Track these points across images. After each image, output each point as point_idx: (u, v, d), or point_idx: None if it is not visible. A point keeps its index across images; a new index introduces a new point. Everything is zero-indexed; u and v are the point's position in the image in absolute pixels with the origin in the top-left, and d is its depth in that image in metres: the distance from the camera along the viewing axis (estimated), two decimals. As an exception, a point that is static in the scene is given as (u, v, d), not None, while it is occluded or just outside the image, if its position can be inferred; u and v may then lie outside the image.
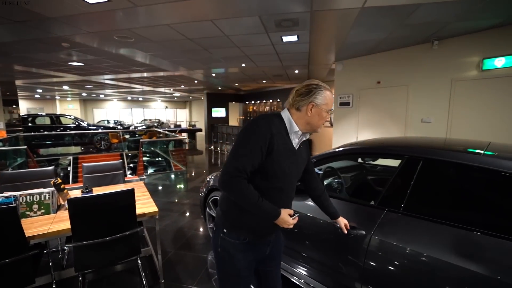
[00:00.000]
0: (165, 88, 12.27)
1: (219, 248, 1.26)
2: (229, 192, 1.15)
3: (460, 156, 1.45)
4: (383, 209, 1.57)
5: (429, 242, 1.33)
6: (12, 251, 1.66)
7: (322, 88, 1.22)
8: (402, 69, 4.39)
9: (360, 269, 1.55)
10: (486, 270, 1.13)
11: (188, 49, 4.45)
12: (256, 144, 1.11)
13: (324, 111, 1.22)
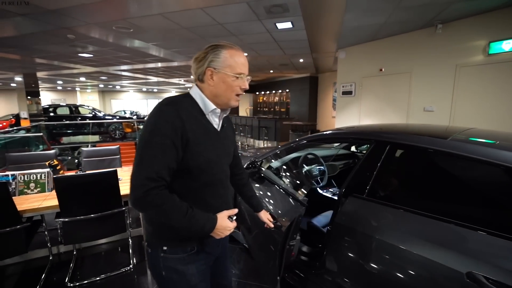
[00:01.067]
0: (177, 79, 12.51)
1: (163, 270, 1.00)
2: (146, 211, 0.89)
3: (425, 140, 1.42)
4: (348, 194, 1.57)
5: (389, 228, 1.32)
6: (5, 223, 1.84)
7: (220, 47, 0.95)
8: (405, 56, 4.22)
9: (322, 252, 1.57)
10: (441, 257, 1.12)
11: (186, 38, 4.52)
12: (165, 140, 0.86)
13: (230, 77, 0.95)
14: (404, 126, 1.91)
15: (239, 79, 0.97)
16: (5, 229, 1.84)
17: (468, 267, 1.01)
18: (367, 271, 1.31)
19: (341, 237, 1.46)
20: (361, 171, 1.58)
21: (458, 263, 1.05)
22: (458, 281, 1.02)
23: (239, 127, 11.32)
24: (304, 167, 2.42)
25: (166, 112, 0.88)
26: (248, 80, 1.02)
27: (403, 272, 1.19)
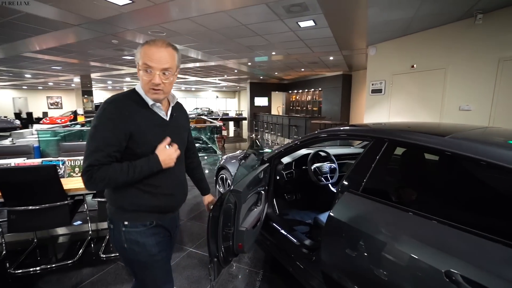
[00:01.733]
0: (212, 78, 13.06)
1: (125, 243, 1.10)
2: (97, 186, 0.99)
3: (422, 138, 1.39)
4: (345, 190, 1.59)
5: (377, 223, 1.32)
6: (54, 199, 2.22)
7: (142, 44, 1.03)
8: (439, 50, 3.93)
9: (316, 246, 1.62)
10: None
11: (215, 39, 4.77)
12: (107, 133, 0.97)
13: (140, 70, 1.02)
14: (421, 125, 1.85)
15: (148, 73, 1.01)
16: (54, 203, 2.21)
17: (447, 265, 1.01)
18: (355, 264, 1.34)
19: (334, 230, 1.50)
20: (359, 167, 1.59)
21: (438, 261, 1.04)
22: (437, 279, 1.02)
23: (269, 125, 11.45)
24: (313, 164, 2.46)
25: (108, 110, 0.99)
26: (175, 75, 1.08)
27: (386, 267, 1.21)
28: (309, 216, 2.58)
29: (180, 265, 2.29)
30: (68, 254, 2.51)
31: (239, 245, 1.58)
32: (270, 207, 2.41)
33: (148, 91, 1.04)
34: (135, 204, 1.09)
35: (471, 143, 1.20)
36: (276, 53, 6.01)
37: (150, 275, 1.17)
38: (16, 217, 2.18)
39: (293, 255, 1.92)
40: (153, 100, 1.07)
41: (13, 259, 2.42)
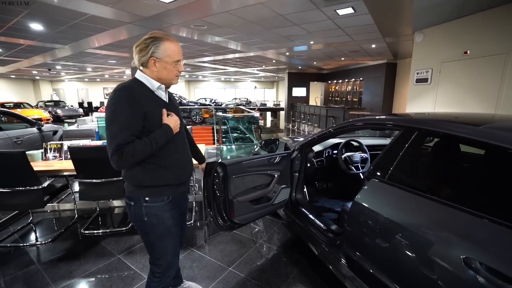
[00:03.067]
0: (251, 69, 13.25)
1: (145, 217, 1.26)
2: (128, 162, 1.12)
3: (454, 127, 1.37)
4: (371, 177, 1.63)
5: (399, 210, 1.35)
6: (116, 174, 2.60)
7: (159, 40, 1.15)
8: (498, 34, 3.51)
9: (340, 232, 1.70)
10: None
11: (253, 31, 4.88)
12: (126, 116, 1.10)
13: (170, 64, 1.18)
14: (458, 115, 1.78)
15: (177, 65, 1.22)
16: (113, 178, 2.60)
17: (467, 252, 1.03)
18: (377, 248, 1.41)
19: (358, 216, 1.56)
20: (386, 156, 1.61)
21: (457, 248, 1.07)
22: (456, 263, 1.05)
23: (306, 116, 11.32)
24: (344, 152, 2.49)
25: (122, 95, 1.11)
26: (182, 62, 1.28)
27: (406, 252, 1.25)
28: (338, 205, 2.63)
29: (215, 241, 2.54)
30: (122, 223, 2.94)
31: (231, 213, 1.83)
32: (300, 193, 2.52)
33: (174, 78, 1.26)
34: (154, 179, 1.23)
35: (506, 133, 1.16)
36: (314, 42, 5.91)
37: (163, 246, 1.34)
38: (85, 188, 2.62)
39: (319, 239, 2.03)
40: (173, 84, 1.30)
41: (81, 222, 2.93)
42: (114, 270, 2.12)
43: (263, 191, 2.06)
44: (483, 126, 1.25)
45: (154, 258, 1.37)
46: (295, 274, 2.09)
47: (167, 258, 1.37)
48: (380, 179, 1.53)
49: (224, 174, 1.80)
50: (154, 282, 1.39)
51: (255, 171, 2.03)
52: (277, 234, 2.71)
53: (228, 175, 1.80)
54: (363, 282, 1.55)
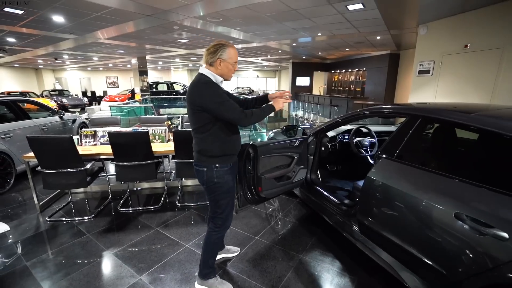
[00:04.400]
0: (255, 58, 13.37)
1: (216, 179, 1.64)
2: (251, 120, 1.61)
3: (451, 114, 1.67)
4: (382, 156, 1.94)
5: (405, 180, 1.67)
6: (146, 158, 2.92)
7: (226, 46, 1.56)
8: (497, 29, 3.76)
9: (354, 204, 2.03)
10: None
11: (265, 23, 5.09)
12: (226, 97, 1.56)
13: (230, 64, 1.59)
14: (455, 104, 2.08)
15: (234, 65, 1.62)
16: (146, 161, 2.92)
17: (457, 209, 1.35)
18: (386, 213, 1.74)
19: (370, 188, 1.89)
20: (395, 138, 1.92)
21: (450, 207, 1.39)
22: (449, 218, 1.38)
23: (310, 105, 11.56)
24: (356, 137, 2.81)
25: (213, 85, 1.54)
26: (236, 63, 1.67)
27: (410, 212, 1.59)
28: (348, 184, 2.96)
29: (240, 215, 2.88)
30: (154, 202, 3.28)
31: (259, 188, 2.16)
32: (314, 174, 2.85)
33: (230, 75, 1.67)
34: (222, 150, 1.64)
35: (491, 119, 1.46)
36: (322, 34, 6.11)
37: (225, 202, 1.72)
38: (122, 170, 2.94)
39: (334, 211, 2.37)
40: (229, 80, 1.69)
41: (115, 202, 3.25)
42: (156, 239, 2.46)
43: (284, 170, 2.38)
44: (475, 113, 1.56)
45: (217, 212, 1.74)
46: (313, 241, 2.45)
47: (227, 211, 1.75)
48: (389, 157, 1.85)
49: (255, 154, 2.11)
50: (215, 232, 1.77)
51: (279, 152, 2.34)
52: (293, 210, 3.05)
53: (258, 155, 2.12)
54: (373, 242, 1.89)
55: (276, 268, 2.07)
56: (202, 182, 1.71)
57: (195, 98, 1.53)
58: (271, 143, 2.24)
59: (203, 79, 1.55)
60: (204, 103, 1.51)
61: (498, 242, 1.17)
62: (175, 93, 14.47)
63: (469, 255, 1.27)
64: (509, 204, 1.20)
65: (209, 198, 1.75)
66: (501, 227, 1.18)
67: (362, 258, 2.14)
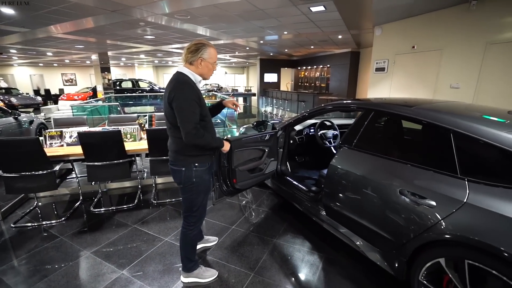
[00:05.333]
0: (223, 55, 13.34)
1: (194, 178, 1.66)
2: (200, 140, 1.54)
3: (396, 108, 1.97)
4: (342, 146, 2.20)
5: (361, 165, 1.95)
6: (119, 157, 2.91)
7: (207, 46, 1.57)
8: (437, 33, 4.32)
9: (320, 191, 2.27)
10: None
11: (232, 21, 5.19)
12: (194, 103, 1.51)
13: (211, 64, 1.61)
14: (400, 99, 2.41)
15: (214, 64, 1.66)
16: (119, 160, 2.91)
17: (401, 186, 1.64)
18: (348, 195, 2.00)
19: (333, 175, 2.14)
20: (352, 130, 2.20)
21: (395, 185, 1.68)
22: (395, 194, 1.66)
23: (278, 101, 11.92)
24: (320, 130, 3.08)
25: (188, 87, 1.52)
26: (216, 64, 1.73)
27: (367, 192, 1.86)
28: (314, 174, 3.24)
29: (216, 208, 3.02)
30: (128, 201, 3.27)
31: (234, 180, 2.31)
32: (284, 165, 3.08)
33: (210, 75, 1.69)
34: (201, 150, 1.65)
35: (426, 111, 1.78)
36: (288, 32, 6.37)
37: (201, 200, 1.76)
38: (93, 170, 2.89)
39: (303, 198, 2.61)
40: (207, 79, 1.72)
41: (86, 204, 3.17)
42: (134, 236, 2.51)
43: (257, 162, 2.57)
44: (415, 107, 1.88)
45: (192, 210, 1.77)
46: (285, 226, 2.67)
47: (201, 209, 1.80)
48: (348, 146, 2.12)
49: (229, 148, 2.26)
50: (190, 229, 1.80)
51: (251, 146, 2.52)
52: (266, 201, 3.26)
53: (232, 149, 2.26)
54: (337, 221, 2.16)
55: (252, 253, 2.26)
56: (179, 182, 1.71)
57: (170, 96, 1.52)
58: (243, 138, 2.40)
59: (181, 78, 1.56)
60: (174, 102, 1.51)
61: (428, 209, 1.47)
62: (140, 91, 13.91)
63: (409, 222, 1.57)
64: (437, 179, 1.51)
65: (185, 197, 1.76)
66: (431, 197, 1.48)
67: (328, 237, 2.41)
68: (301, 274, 2.03)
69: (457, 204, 1.37)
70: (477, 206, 1.30)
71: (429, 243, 1.48)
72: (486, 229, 1.25)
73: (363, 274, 2.01)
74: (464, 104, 2.16)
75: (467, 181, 1.40)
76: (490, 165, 1.44)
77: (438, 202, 1.44)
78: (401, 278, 1.70)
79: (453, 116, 1.65)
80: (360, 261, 2.13)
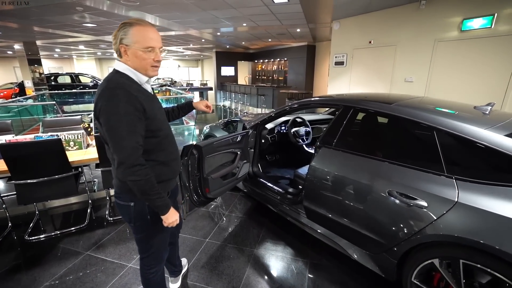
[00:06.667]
0: (175, 47, 12.49)
1: (149, 215, 1.22)
2: (130, 182, 1.04)
3: (377, 105, 1.92)
4: (322, 146, 2.09)
5: (344, 166, 1.86)
6: (60, 171, 2.40)
7: (128, 25, 1.04)
8: (391, 29, 4.53)
9: (300, 191, 2.15)
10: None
11: (187, 10, 4.75)
12: (132, 117, 1.01)
13: (140, 50, 1.05)
14: (374, 95, 2.39)
15: (150, 52, 1.07)
16: (61, 174, 2.40)
17: (389, 187, 1.58)
18: (329, 196, 1.90)
19: (314, 176, 2.03)
20: (332, 128, 2.10)
21: (384, 186, 1.62)
22: (383, 195, 1.60)
23: (237, 95, 11.66)
24: (292, 128, 2.96)
25: (121, 95, 1.00)
26: (164, 51, 1.32)
27: (351, 194, 1.78)
28: (287, 172, 3.13)
29: (185, 220, 2.71)
30: (77, 221, 2.75)
31: (206, 189, 2.07)
32: (256, 166, 2.90)
33: (149, 68, 1.11)
34: (157, 175, 1.15)
35: (406, 108, 1.75)
36: (246, 24, 6.13)
37: (161, 238, 1.35)
38: (25, 190, 2.33)
39: (279, 200, 2.47)
40: (152, 76, 1.15)
41: (19, 230, 2.57)
42: (88, 266, 2.08)
43: (230, 167, 2.34)
44: (394, 104, 1.84)
45: (149, 252, 1.36)
46: (263, 232, 2.51)
47: (162, 246, 1.40)
48: (328, 146, 2.02)
49: (200, 155, 2.00)
50: (151, 273, 1.41)
51: (223, 150, 2.28)
52: (238, 205, 3.05)
53: (203, 155, 2.01)
54: (321, 225, 2.07)
55: (233, 269, 2.04)
56: (128, 219, 1.25)
57: (97, 108, 1.04)
58: (215, 142, 2.15)
59: (114, 80, 1.06)
60: (100, 116, 1.03)
61: (420, 210, 1.43)
62: (82, 86, 12.33)
63: (400, 224, 1.52)
64: (425, 178, 1.47)
65: (138, 238, 1.33)
66: (422, 197, 1.44)
67: (309, 240, 2.32)
68: (290, 286, 1.89)
69: (449, 204, 1.34)
70: (469, 205, 1.28)
71: (421, 244, 1.45)
72: (481, 228, 1.23)
73: (350, 277, 1.96)
74: (431, 100, 2.21)
75: (455, 179, 1.38)
76: (475, 163, 1.44)
77: (430, 203, 1.41)
78: (392, 279, 1.67)
79: (433, 113, 1.64)
80: (344, 262, 2.08)
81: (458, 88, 3.90)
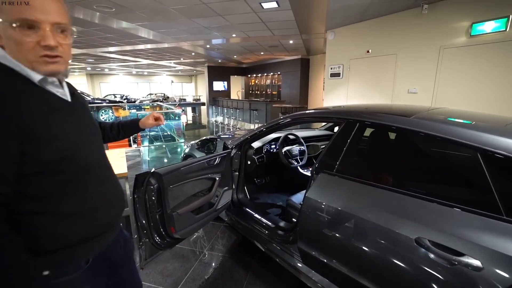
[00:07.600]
0: (167, 61, 12.24)
1: None
2: None
3: (390, 118, 1.47)
4: (320, 171, 1.62)
5: (352, 200, 1.38)
6: None
7: None
8: (391, 37, 4.23)
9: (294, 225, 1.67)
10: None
11: (171, 18, 4.41)
12: None
13: (10, 28, 0.62)
14: (379, 106, 1.97)
15: (29, 30, 0.63)
16: None
17: (418, 233, 1.11)
18: (332, 239, 1.41)
19: (311, 210, 1.54)
20: (332, 149, 1.64)
21: (408, 230, 1.14)
22: (409, 245, 1.12)
23: (230, 110, 11.29)
24: (284, 147, 2.49)
25: None
26: (73, 33, 0.72)
27: (363, 239, 1.29)
28: (279, 199, 2.64)
29: (153, 261, 2.17)
30: None
31: (171, 229, 1.59)
32: (241, 192, 2.40)
33: (36, 60, 0.65)
34: (56, 238, 0.70)
35: (434, 123, 1.31)
36: (236, 35, 5.83)
37: None
38: None
39: (268, 237, 1.97)
40: (48, 74, 0.68)
41: None
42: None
43: (205, 197, 1.86)
44: (413, 117, 1.40)
45: None
46: (248, 278, 1.98)
47: None
48: (329, 172, 1.55)
49: (160, 185, 1.52)
50: None
51: (195, 176, 1.80)
52: (221, 239, 2.53)
53: (165, 186, 1.53)
54: (320, 274, 1.56)
55: (205, 338, 1.51)
56: None
57: None
58: (182, 167, 1.67)
59: None
60: None
61: (471, 273, 0.95)
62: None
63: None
64: (476, 224, 1.00)
65: None
66: (472, 253, 0.96)
67: (308, 292, 1.80)
68: None
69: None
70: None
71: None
72: None
73: None
74: (456, 111, 1.78)
75: (522, 225, 0.92)
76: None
77: (486, 262, 0.93)
78: None
79: (471, 128, 1.19)
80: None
81: (469, 98, 3.53)
